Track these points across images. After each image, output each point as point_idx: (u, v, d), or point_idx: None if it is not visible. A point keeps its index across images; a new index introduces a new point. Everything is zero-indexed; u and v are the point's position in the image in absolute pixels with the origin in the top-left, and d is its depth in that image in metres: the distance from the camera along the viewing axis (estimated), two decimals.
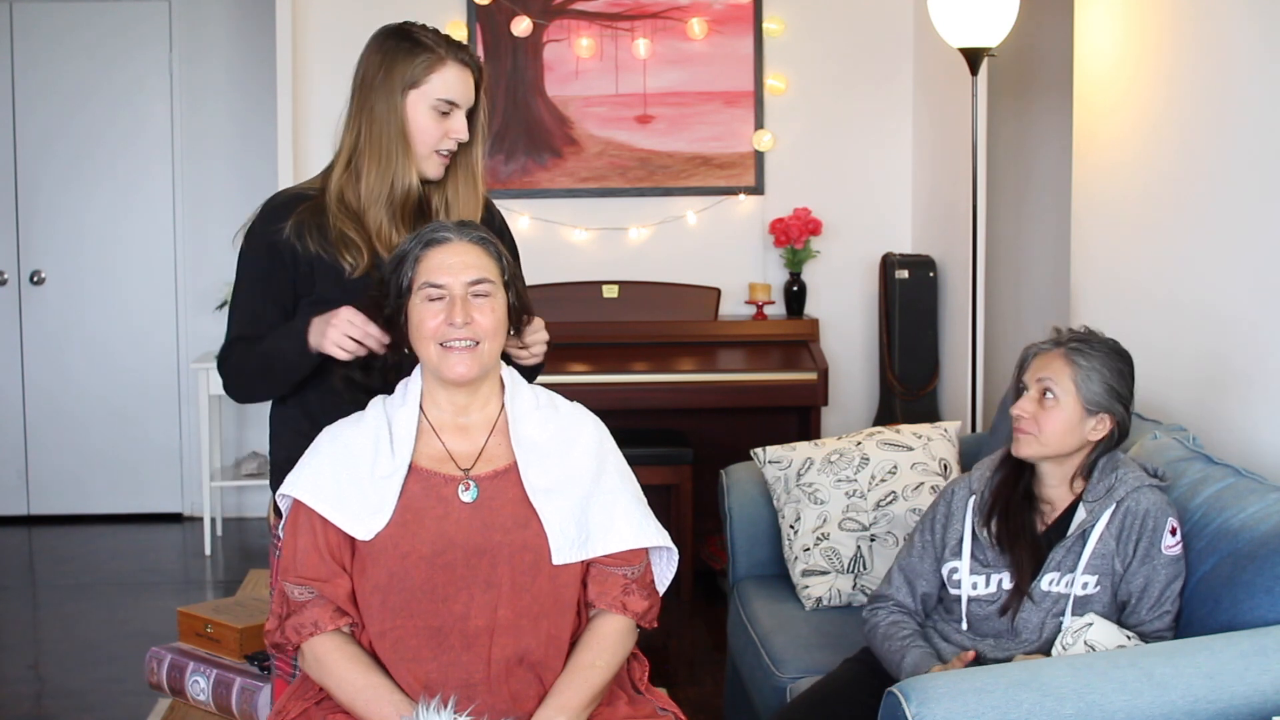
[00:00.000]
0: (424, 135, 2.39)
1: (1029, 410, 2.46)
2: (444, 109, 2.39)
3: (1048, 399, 2.45)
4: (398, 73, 2.36)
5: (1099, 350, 2.47)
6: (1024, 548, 2.48)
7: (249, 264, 2.43)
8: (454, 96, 2.39)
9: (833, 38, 5.13)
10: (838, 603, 3.12)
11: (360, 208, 2.39)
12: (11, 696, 3.98)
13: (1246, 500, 2.32)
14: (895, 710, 1.97)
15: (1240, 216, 2.80)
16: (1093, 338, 2.50)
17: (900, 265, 4.92)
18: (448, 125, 2.39)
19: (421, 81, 2.37)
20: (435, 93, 2.37)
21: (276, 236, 2.38)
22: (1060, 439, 2.45)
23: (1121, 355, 2.50)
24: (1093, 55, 3.50)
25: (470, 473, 2.15)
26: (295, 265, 2.38)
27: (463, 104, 2.41)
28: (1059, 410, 2.44)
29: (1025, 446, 2.48)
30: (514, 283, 2.22)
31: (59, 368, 5.93)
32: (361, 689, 2.06)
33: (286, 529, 2.19)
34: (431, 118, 2.38)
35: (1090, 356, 2.46)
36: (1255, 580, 2.17)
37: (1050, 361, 2.47)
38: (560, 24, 5.04)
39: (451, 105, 2.39)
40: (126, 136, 5.90)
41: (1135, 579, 2.39)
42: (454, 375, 2.14)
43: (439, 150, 2.41)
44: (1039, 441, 2.47)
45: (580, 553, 2.13)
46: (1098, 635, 2.30)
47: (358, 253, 2.37)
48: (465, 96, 2.41)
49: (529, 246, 5.02)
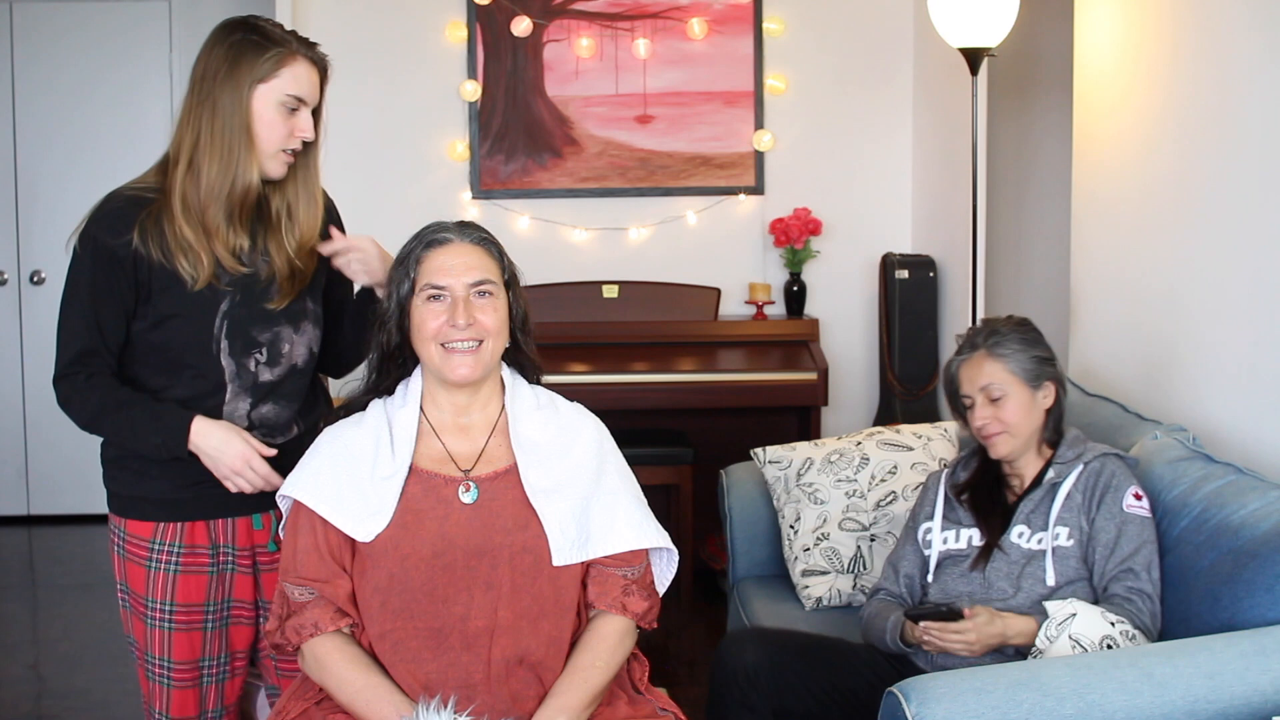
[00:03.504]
0: (270, 132, 2.31)
1: (988, 415, 2.61)
2: (292, 105, 2.32)
3: (997, 400, 2.59)
4: (244, 66, 2.29)
5: (1010, 334, 2.63)
6: (995, 510, 2.63)
7: (87, 272, 2.30)
8: (302, 93, 2.32)
9: (833, 38, 5.12)
10: (838, 603, 3.12)
11: (200, 206, 2.30)
12: (11, 696, 3.98)
13: (1247, 497, 2.31)
14: (895, 710, 1.97)
15: (1240, 216, 2.80)
16: (996, 326, 2.66)
17: (900, 265, 4.91)
18: (294, 123, 2.33)
19: (270, 76, 2.30)
20: (284, 88, 2.30)
21: (118, 243, 2.27)
22: (1025, 424, 2.60)
23: (1025, 324, 2.67)
24: (1093, 55, 3.50)
25: (470, 474, 2.15)
26: (136, 273, 2.30)
27: (310, 101, 2.34)
28: (1011, 401, 2.59)
29: (1002, 446, 2.62)
30: (514, 283, 2.23)
31: None
32: (361, 689, 2.05)
33: (287, 529, 2.19)
34: (279, 114, 2.31)
35: (1006, 343, 2.62)
36: (1256, 578, 2.16)
37: (978, 366, 2.63)
38: (560, 24, 5.04)
39: (299, 102, 2.32)
40: (127, 136, 5.90)
41: (1101, 534, 2.49)
42: (456, 376, 2.14)
43: (285, 149, 2.33)
44: (1011, 436, 2.61)
45: (580, 554, 2.13)
46: (1082, 627, 2.30)
47: (196, 260, 2.29)
48: (313, 94, 2.35)
49: (529, 246, 5.05)
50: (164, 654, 2.41)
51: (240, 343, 2.36)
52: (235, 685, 2.47)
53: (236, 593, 2.44)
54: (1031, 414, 2.61)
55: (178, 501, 2.38)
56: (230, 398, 2.37)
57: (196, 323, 2.33)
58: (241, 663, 2.48)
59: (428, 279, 2.15)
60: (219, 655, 2.44)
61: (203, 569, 2.41)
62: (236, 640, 2.46)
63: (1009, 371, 2.60)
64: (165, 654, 2.41)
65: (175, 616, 2.40)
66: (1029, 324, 2.68)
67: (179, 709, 2.42)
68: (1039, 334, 2.68)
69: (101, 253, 2.29)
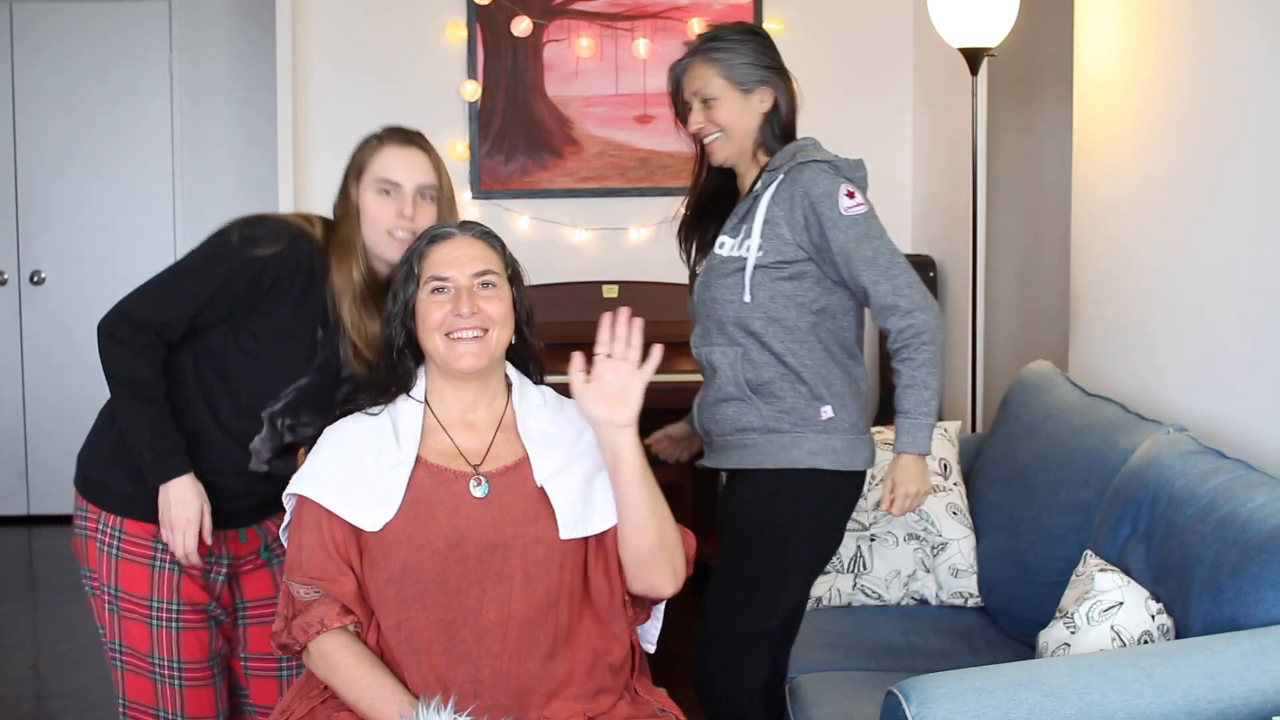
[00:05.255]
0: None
1: (700, 120, 2.64)
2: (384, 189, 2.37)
3: (710, 103, 2.61)
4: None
5: (730, 36, 2.64)
6: (715, 223, 2.69)
7: (221, 266, 2.34)
8: (393, 175, 2.37)
9: (833, 38, 5.12)
10: (838, 602, 3.12)
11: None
12: (11, 696, 3.98)
13: (1255, 491, 2.30)
14: (895, 710, 1.97)
15: (1240, 215, 2.80)
16: (721, 30, 2.67)
17: None
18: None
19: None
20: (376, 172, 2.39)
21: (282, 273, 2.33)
22: (740, 126, 2.62)
23: (754, 31, 2.69)
24: (1093, 55, 3.50)
25: (480, 468, 2.16)
26: (259, 292, 2.34)
27: (406, 184, 2.37)
28: (723, 104, 2.61)
29: (719, 152, 2.66)
30: (518, 279, 2.24)
31: (59, 368, 5.92)
32: (366, 687, 2.06)
33: (292, 527, 2.19)
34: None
35: (724, 46, 2.63)
36: (1262, 574, 2.16)
37: (695, 71, 2.64)
38: (560, 24, 5.04)
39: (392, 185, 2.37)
40: (126, 136, 5.90)
41: (830, 252, 2.52)
42: (462, 366, 2.14)
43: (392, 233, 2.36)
44: (727, 139, 2.64)
45: (582, 529, 2.14)
46: (1125, 619, 2.29)
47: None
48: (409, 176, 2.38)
49: (529, 246, 5.05)
50: (173, 655, 2.42)
51: (290, 420, 2.43)
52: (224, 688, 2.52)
53: (224, 599, 2.51)
54: (744, 117, 2.62)
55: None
56: (255, 457, 2.43)
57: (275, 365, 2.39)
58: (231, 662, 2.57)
59: (431, 271, 2.17)
60: (220, 652, 2.50)
61: (198, 573, 2.45)
62: (223, 642, 2.52)
63: (720, 76, 2.61)
64: (174, 654, 2.42)
65: (183, 615, 2.42)
66: (756, 30, 2.70)
67: (195, 708, 2.43)
68: (766, 40, 2.68)
69: (248, 260, 2.33)
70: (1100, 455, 2.77)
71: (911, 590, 3.13)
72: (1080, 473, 2.81)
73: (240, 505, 2.48)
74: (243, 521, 2.50)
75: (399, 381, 2.22)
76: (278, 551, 2.54)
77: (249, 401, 2.39)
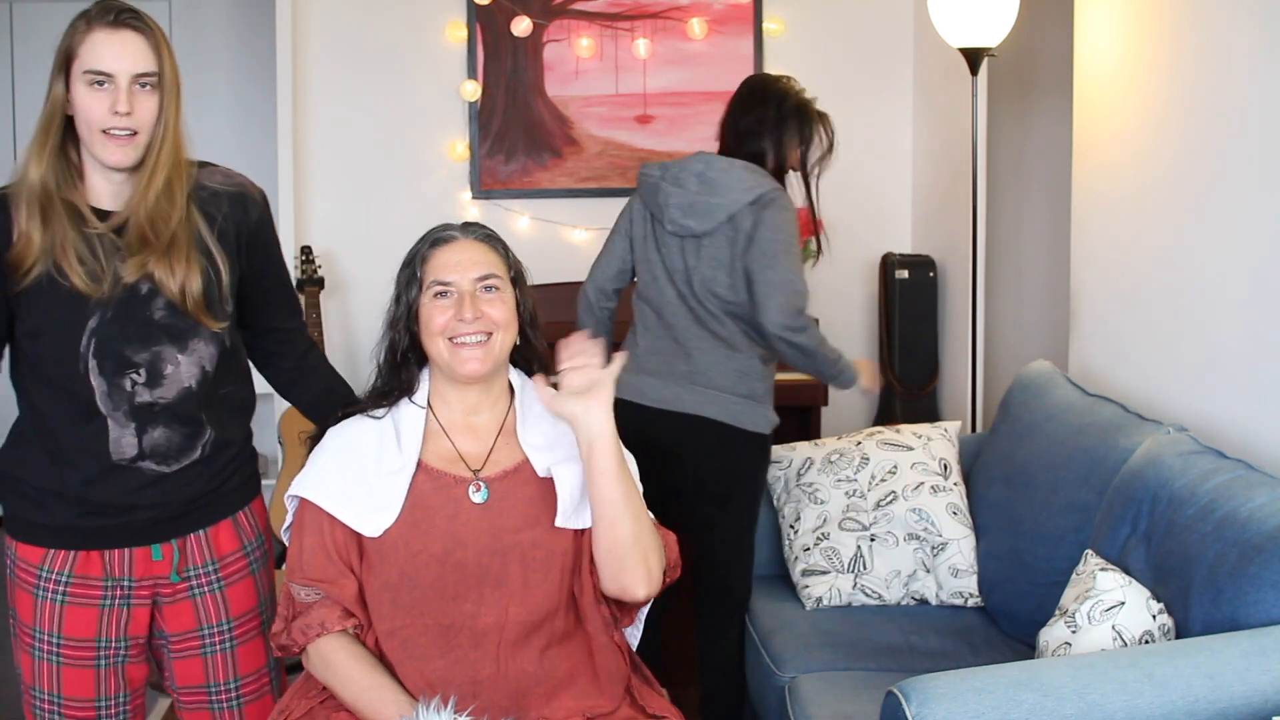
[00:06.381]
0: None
1: None
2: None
3: None
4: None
5: None
6: None
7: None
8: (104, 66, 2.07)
9: (833, 38, 5.12)
10: (838, 602, 3.12)
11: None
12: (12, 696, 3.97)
13: (1256, 491, 2.30)
14: (895, 710, 1.97)
15: (1240, 215, 2.80)
16: None
17: (900, 265, 4.92)
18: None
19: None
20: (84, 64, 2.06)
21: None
22: None
23: None
24: (1093, 55, 3.50)
25: (480, 474, 2.16)
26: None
27: (120, 74, 2.08)
28: None
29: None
30: (521, 281, 2.23)
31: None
32: (366, 689, 2.06)
33: (293, 529, 2.18)
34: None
35: None
36: (1262, 574, 2.16)
37: None
38: (560, 24, 5.04)
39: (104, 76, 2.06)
40: None
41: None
42: (466, 371, 2.14)
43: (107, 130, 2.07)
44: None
45: (576, 521, 2.15)
46: (1127, 619, 2.29)
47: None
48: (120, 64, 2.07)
49: (529, 246, 5.03)
50: (53, 689, 2.24)
51: (112, 362, 2.16)
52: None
53: (132, 629, 2.26)
54: None
55: (71, 529, 2.20)
56: (113, 426, 2.17)
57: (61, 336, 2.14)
58: (140, 700, 2.32)
59: (434, 276, 2.16)
60: (116, 694, 2.27)
61: (93, 602, 2.22)
62: (135, 677, 2.29)
63: None
64: (55, 689, 2.24)
65: (64, 650, 2.22)
66: None
67: None
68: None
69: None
70: (1100, 455, 2.77)
71: (911, 590, 3.13)
72: (1080, 473, 2.81)
73: (140, 518, 2.22)
74: (154, 538, 2.24)
75: (402, 386, 2.21)
76: (198, 581, 2.30)
77: (55, 370, 2.14)
